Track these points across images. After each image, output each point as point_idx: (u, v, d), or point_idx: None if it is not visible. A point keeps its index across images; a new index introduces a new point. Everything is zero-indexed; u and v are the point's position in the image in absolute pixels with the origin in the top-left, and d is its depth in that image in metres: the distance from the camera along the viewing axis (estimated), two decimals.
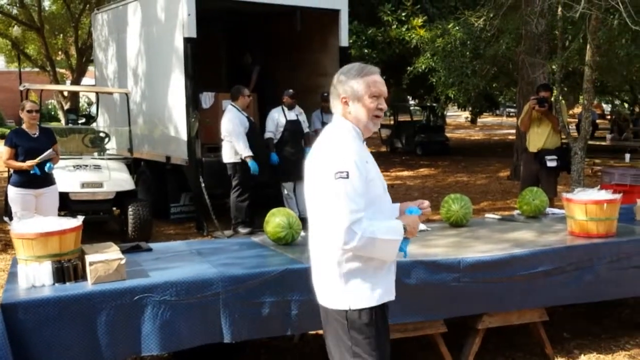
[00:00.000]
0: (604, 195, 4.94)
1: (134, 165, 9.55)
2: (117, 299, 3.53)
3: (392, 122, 25.39)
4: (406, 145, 23.23)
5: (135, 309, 3.56)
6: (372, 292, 2.76)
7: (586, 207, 4.88)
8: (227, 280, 3.76)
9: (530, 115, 8.28)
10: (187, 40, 8.89)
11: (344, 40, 10.30)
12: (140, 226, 8.43)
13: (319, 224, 2.76)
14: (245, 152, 8.55)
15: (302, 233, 4.91)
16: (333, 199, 2.63)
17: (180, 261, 4.18)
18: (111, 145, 10.31)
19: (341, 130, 2.79)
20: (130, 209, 8.43)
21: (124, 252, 4.21)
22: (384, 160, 20.61)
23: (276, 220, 4.64)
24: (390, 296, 2.86)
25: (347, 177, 2.62)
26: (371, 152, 2.93)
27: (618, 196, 4.95)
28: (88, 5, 22.27)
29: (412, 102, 29.42)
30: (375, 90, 2.76)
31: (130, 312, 3.56)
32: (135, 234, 8.30)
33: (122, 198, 8.59)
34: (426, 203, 2.93)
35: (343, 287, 2.75)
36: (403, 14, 13.83)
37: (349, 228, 2.59)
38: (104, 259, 3.64)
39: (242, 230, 8.55)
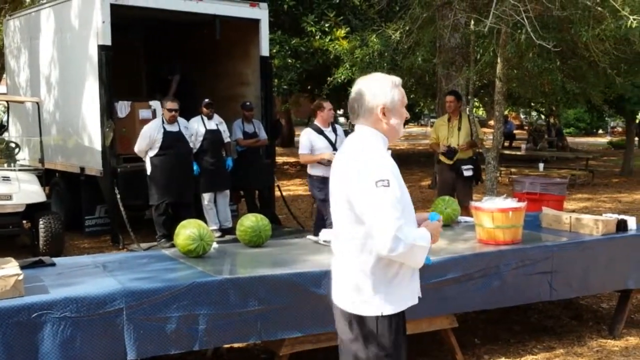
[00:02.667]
0: (510, 203, 5.08)
1: (47, 177, 9.26)
2: (13, 316, 3.39)
3: None
4: None
5: (33, 326, 3.43)
6: (402, 297, 2.85)
7: (493, 215, 5.01)
8: (130, 295, 3.66)
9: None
10: (101, 48, 8.70)
11: (265, 49, 10.32)
12: (52, 240, 8.15)
13: (349, 231, 2.79)
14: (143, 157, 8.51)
15: (215, 245, 4.85)
16: (376, 207, 2.65)
17: (83, 276, 4.05)
18: (22, 156, 9.98)
19: (373, 140, 2.83)
20: (41, 222, 8.14)
21: (25, 267, 4.08)
22: None
23: (186, 232, 4.56)
24: (414, 300, 2.96)
25: (389, 186, 2.66)
26: (297, 163, 2.93)
27: (523, 204, 5.11)
28: (3, 11, 21.51)
29: (339, 113, 29.64)
30: (405, 100, 2.91)
31: (28, 329, 3.41)
32: (47, 248, 8.02)
33: (32, 211, 8.29)
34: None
35: (375, 293, 2.78)
36: (326, 25, 13.97)
37: (395, 236, 2.62)
38: (0, 275, 3.50)
39: (166, 244, 8.38)
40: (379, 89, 2.83)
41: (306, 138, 7.49)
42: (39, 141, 9.16)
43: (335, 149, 7.22)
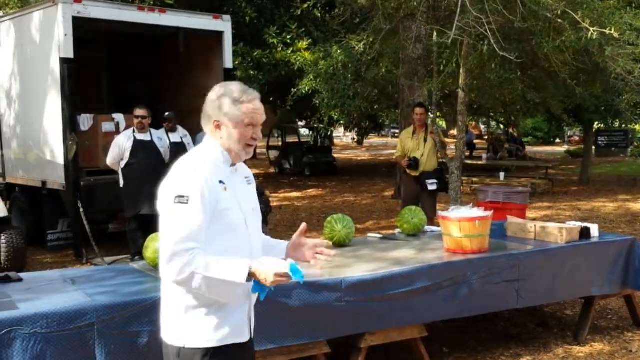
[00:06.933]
0: (476, 212, 5.15)
1: (7, 191, 9.10)
2: None
3: (280, 144, 25.56)
4: (294, 167, 23.40)
5: (2, 343, 3.34)
6: (213, 331, 2.54)
7: (460, 224, 5.07)
8: (101, 309, 3.61)
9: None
10: (63, 61, 8.60)
11: (229, 61, 10.31)
12: (14, 255, 8.01)
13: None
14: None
15: None
16: (167, 224, 2.46)
17: (52, 291, 3.98)
18: None
19: (203, 153, 2.63)
20: (2, 237, 7.99)
21: None
22: (272, 182, 20.67)
23: (155, 245, 4.52)
24: (239, 338, 2.61)
25: (187, 203, 2.44)
26: (259, 174, 2.82)
27: (489, 213, 5.18)
28: None
29: (301, 124, 29.79)
30: (251, 120, 2.61)
31: None
32: (8, 264, 7.89)
33: None
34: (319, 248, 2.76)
35: (180, 321, 2.55)
36: (288, 37, 14.04)
37: (172, 258, 2.42)
38: None
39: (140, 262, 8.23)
40: (218, 100, 2.62)
41: None
42: (0, 155, 9.01)
43: None
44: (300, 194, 17.38)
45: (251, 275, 2.43)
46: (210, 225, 2.49)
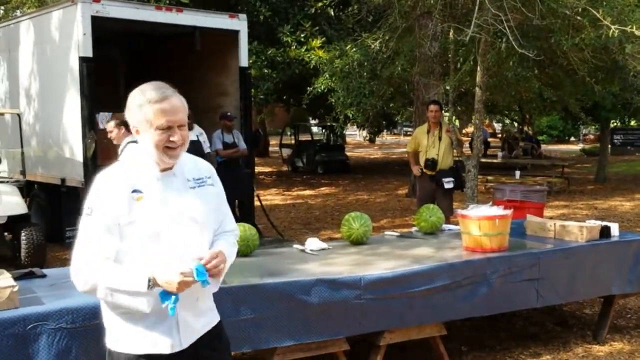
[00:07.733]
0: (496, 211, 5.14)
1: (27, 188, 9.19)
2: (9, 328, 3.35)
3: (293, 142, 25.62)
4: (307, 165, 23.47)
5: (29, 338, 3.40)
6: (134, 340, 2.52)
7: (479, 223, 5.06)
8: None
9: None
10: (82, 60, 8.65)
11: (244, 60, 10.34)
12: (34, 251, 8.10)
13: None
14: None
15: None
16: (77, 235, 2.47)
17: None
18: (3, 168, 9.90)
19: (126, 159, 2.60)
20: (22, 234, 8.09)
21: (16, 279, 4.04)
22: (285, 180, 20.72)
23: None
24: (164, 349, 2.51)
25: (90, 215, 2.43)
26: (272, 172, 2.77)
27: (509, 212, 5.18)
28: None
29: (313, 122, 29.83)
30: (161, 123, 2.46)
31: (24, 341, 3.38)
32: (29, 260, 7.97)
33: (14, 222, 8.22)
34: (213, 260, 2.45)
35: (108, 325, 2.59)
36: (302, 35, 14.09)
37: (76, 269, 2.42)
38: None
39: None
40: (130, 104, 2.52)
41: None
42: (20, 153, 9.10)
43: None
44: (314, 192, 17.41)
45: (153, 282, 2.37)
46: (122, 237, 2.45)
